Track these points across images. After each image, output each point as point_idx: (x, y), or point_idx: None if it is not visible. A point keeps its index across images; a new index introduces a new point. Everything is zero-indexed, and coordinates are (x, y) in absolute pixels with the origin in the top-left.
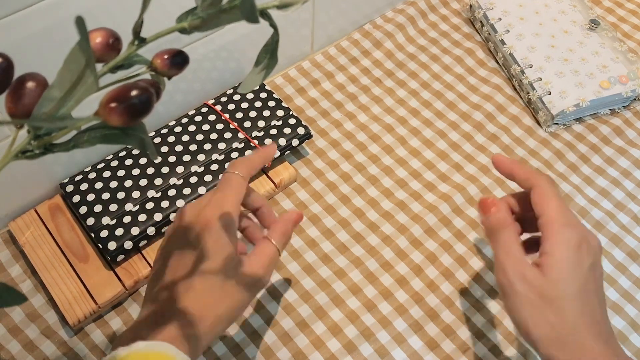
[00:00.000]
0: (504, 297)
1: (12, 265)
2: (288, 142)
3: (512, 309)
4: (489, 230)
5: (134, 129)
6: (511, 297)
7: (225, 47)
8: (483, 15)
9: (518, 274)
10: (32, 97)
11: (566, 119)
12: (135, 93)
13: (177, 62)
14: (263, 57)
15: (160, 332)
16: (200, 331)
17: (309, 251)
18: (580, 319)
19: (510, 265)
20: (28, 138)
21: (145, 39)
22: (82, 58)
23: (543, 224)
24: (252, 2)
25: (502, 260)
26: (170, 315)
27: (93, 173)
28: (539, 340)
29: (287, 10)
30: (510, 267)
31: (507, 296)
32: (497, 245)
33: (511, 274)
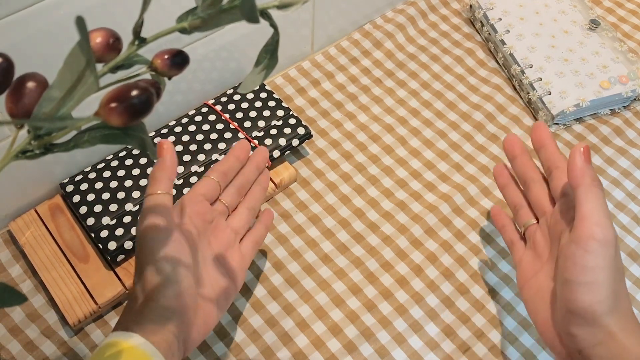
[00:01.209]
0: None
1: (12, 265)
2: (288, 142)
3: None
4: (591, 179)
5: (134, 129)
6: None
7: (225, 47)
8: (483, 15)
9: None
10: (32, 97)
11: (566, 119)
12: (135, 93)
13: (177, 62)
14: (263, 57)
15: (151, 332)
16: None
17: (309, 251)
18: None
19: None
20: (28, 138)
21: (145, 39)
22: (82, 58)
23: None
24: (252, 2)
25: (600, 213)
26: (167, 315)
27: (93, 173)
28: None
29: (287, 10)
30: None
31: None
32: (595, 198)
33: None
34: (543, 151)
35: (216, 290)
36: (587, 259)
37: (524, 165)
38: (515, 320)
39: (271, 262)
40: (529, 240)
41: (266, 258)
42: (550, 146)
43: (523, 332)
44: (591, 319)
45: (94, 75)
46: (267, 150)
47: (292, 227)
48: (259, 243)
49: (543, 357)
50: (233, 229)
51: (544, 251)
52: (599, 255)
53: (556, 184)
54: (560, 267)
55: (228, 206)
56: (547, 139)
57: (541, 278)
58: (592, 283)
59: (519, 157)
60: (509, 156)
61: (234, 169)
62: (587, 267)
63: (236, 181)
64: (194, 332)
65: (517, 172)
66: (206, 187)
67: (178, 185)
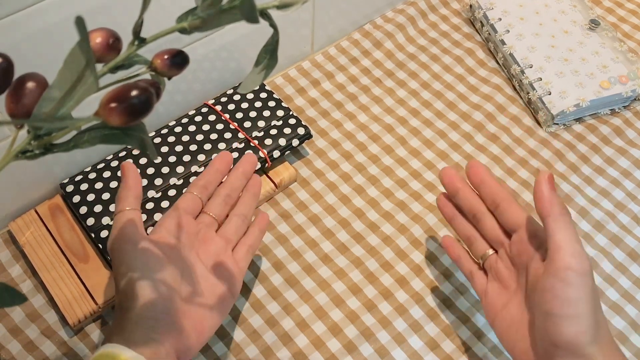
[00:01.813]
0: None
1: (12, 265)
2: (288, 142)
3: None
4: (559, 209)
5: (134, 129)
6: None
7: (225, 47)
8: (483, 15)
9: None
10: (32, 97)
11: (566, 119)
12: (135, 93)
13: (177, 62)
14: (263, 57)
15: (143, 345)
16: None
17: (309, 251)
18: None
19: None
20: (28, 138)
21: (145, 39)
22: (82, 58)
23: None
24: (252, 2)
25: (572, 243)
26: (161, 327)
27: (93, 173)
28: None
29: (287, 10)
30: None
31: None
32: (564, 228)
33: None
34: (484, 187)
35: (208, 297)
36: (568, 291)
37: (469, 198)
38: None
39: (271, 262)
40: (490, 271)
41: (266, 258)
42: (490, 181)
43: None
44: (575, 350)
45: (93, 75)
46: (254, 156)
47: (292, 227)
48: (254, 247)
49: None
50: (223, 237)
51: (510, 282)
52: (579, 287)
53: (508, 217)
54: (539, 300)
55: (216, 217)
56: (484, 175)
57: (512, 309)
58: (575, 315)
59: (462, 190)
60: (450, 190)
61: (214, 181)
62: (570, 300)
63: (222, 191)
64: (186, 339)
65: (464, 205)
66: (186, 202)
67: (178, 186)
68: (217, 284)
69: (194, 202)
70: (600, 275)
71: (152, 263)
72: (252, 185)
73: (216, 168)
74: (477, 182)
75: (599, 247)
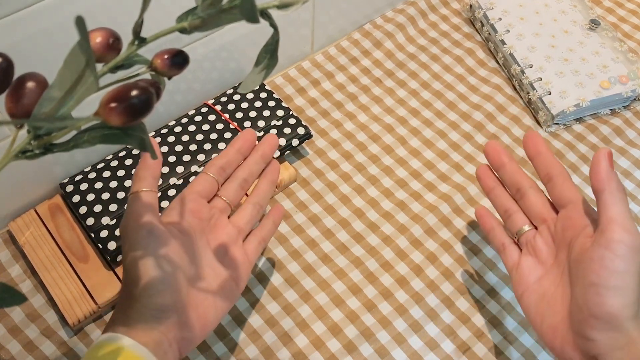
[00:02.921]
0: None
1: (12, 265)
2: (288, 142)
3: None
4: (615, 183)
5: (134, 129)
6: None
7: (225, 47)
8: (483, 15)
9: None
10: (32, 97)
11: (566, 119)
12: (135, 93)
13: (177, 62)
14: (263, 57)
15: (140, 331)
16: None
17: (309, 251)
18: None
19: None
20: (28, 138)
21: (145, 39)
22: (82, 58)
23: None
24: (252, 2)
25: (622, 216)
26: (161, 316)
27: (93, 173)
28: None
29: (287, 10)
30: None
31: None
32: (618, 201)
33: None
34: (539, 159)
35: (215, 289)
36: (617, 263)
37: (515, 172)
38: (515, 320)
39: (271, 262)
40: (525, 246)
41: (266, 258)
42: (546, 154)
43: (523, 332)
44: (616, 324)
45: (93, 75)
46: (276, 138)
47: (292, 227)
48: (265, 240)
49: (543, 357)
50: (235, 226)
51: (548, 258)
52: (629, 260)
53: (559, 190)
54: (585, 272)
55: (230, 202)
56: (541, 147)
57: (546, 284)
58: (621, 287)
59: (508, 165)
60: (496, 164)
61: (234, 162)
62: (618, 271)
63: (238, 175)
64: (189, 330)
65: (508, 179)
66: (202, 184)
67: (178, 185)
68: (225, 274)
69: (209, 184)
70: None
71: (164, 251)
72: (270, 172)
73: (237, 148)
74: (533, 153)
75: None
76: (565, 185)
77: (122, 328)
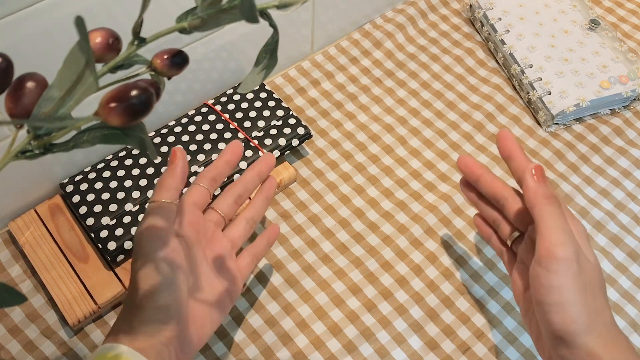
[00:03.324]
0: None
1: (12, 265)
2: (288, 142)
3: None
4: (546, 199)
5: (134, 129)
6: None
7: (225, 47)
8: (483, 15)
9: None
10: (32, 97)
11: (566, 119)
12: (135, 93)
13: (177, 62)
14: (263, 57)
15: (137, 338)
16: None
17: (309, 251)
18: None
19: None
20: (28, 138)
21: (145, 39)
22: (82, 58)
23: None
24: (252, 2)
25: (561, 232)
26: (158, 319)
27: (93, 173)
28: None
29: (287, 10)
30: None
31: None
32: (552, 216)
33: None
34: (512, 162)
35: (211, 301)
36: (551, 278)
37: (490, 184)
38: (515, 320)
39: (271, 262)
40: (518, 253)
41: (266, 258)
42: (519, 156)
43: (523, 332)
44: (568, 340)
45: (93, 75)
46: (273, 158)
47: (292, 227)
48: (258, 257)
49: None
50: (229, 239)
51: None
52: (562, 274)
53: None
54: (531, 288)
55: (224, 216)
56: (514, 149)
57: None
58: (560, 303)
59: (482, 177)
60: (471, 179)
61: (224, 174)
62: (553, 287)
63: (234, 190)
64: (188, 340)
65: (486, 191)
66: (195, 195)
67: None
68: (220, 287)
69: (203, 195)
70: None
71: (175, 265)
72: (265, 189)
73: (226, 160)
74: (507, 155)
75: (599, 247)
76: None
77: (123, 336)
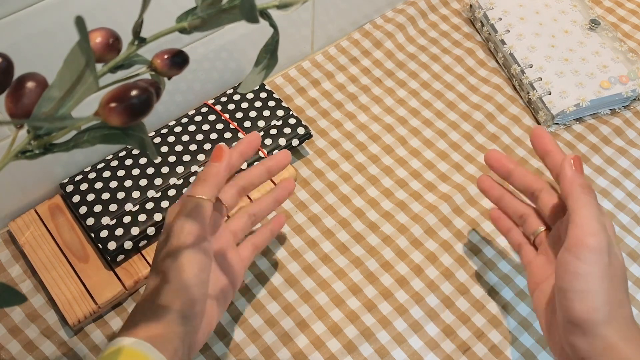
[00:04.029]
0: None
1: (12, 265)
2: (288, 142)
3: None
4: (581, 188)
5: (134, 129)
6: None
7: (225, 47)
8: (483, 15)
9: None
10: (32, 97)
11: (566, 119)
12: (135, 93)
13: (177, 62)
14: (263, 57)
15: (147, 329)
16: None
17: (309, 251)
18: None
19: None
20: (28, 138)
21: (145, 39)
22: (82, 58)
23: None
24: (252, 2)
25: (594, 221)
26: (161, 312)
27: (93, 173)
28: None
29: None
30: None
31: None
32: (587, 206)
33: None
34: (549, 158)
35: (217, 291)
36: (579, 266)
37: (524, 177)
38: (515, 320)
39: (271, 262)
40: (540, 245)
41: (266, 258)
42: (556, 152)
43: (523, 332)
44: (587, 329)
45: (93, 75)
46: (288, 156)
47: (292, 227)
48: (259, 247)
49: (543, 357)
50: (231, 231)
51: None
52: (591, 263)
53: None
54: (555, 275)
55: (227, 206)
56: (550, 145)
57: (552, 283)
58: (585, 291)
59: (515, 171)
60: (503, 173)
61: (236, 166)
62: (580, 275)
63: (238, 182)
64: (199, 338)
65: (519, 185)
66: None
67: (178, 185)
68: (224, 278)
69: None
70: None
71: (203, 263)
72: (279, 189)
73: (240, 151)
74: (543, 151)
75: None
76: None
77: (145, 334)
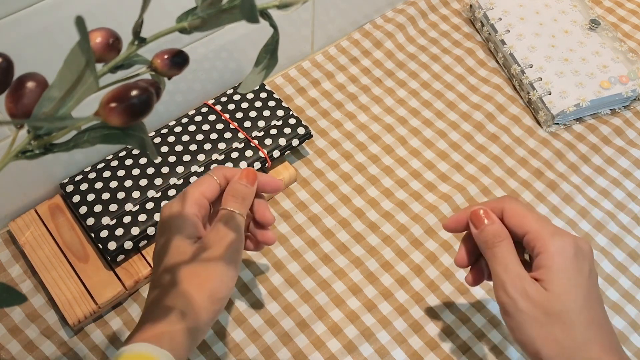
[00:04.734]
0: (506, 316)
1: (12, 265)
2: (288, 142)
3: (516, 328)
4: (484, 245)
5: (134, 129)
6: (515, 316)
7: (225, 47)
8: (483, 15)
9: (520, 290)
10: (32, 97)
11: (566, 119)
12: (135, 93)
13: (177, 62)
14: (263, 57)
15: (144, 331)
16: (193, 319)
17: (309, 251)
18: (590, 331)
19: (510, 281)
20: (28, 138)
21: (145, 39)
22: (82, 58)
23: (531, 240)
24: (252, 2)
25: (502, 276)
26: (157, 312)
27: (93, 173)
28: (548, 359)
29: (287, 10)
30: (510, 283)
31: (510, 315)
32: (494, 260)
33: (512, 291)
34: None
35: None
36: (507, 320)
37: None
38: None
39: (271, 262)
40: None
41: (266, 258)
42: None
43: None
44: None
45: (93, 75)
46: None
47: (292, 227)
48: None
49: None
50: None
51: None
52: (514, 316)
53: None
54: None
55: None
56: (461, 215)
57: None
58: (523, 342)
59: (470, 211)
60: (464, 227)
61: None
62: (512, 328)
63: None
64: (202, 332)
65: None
66: (208, 186)
67: (178, 186)
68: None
69: (214, 188)
70: (601, 275)
71: (234, 273)
72: (265, 183)
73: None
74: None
75: (599, 247)
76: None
77: (156, 339)
